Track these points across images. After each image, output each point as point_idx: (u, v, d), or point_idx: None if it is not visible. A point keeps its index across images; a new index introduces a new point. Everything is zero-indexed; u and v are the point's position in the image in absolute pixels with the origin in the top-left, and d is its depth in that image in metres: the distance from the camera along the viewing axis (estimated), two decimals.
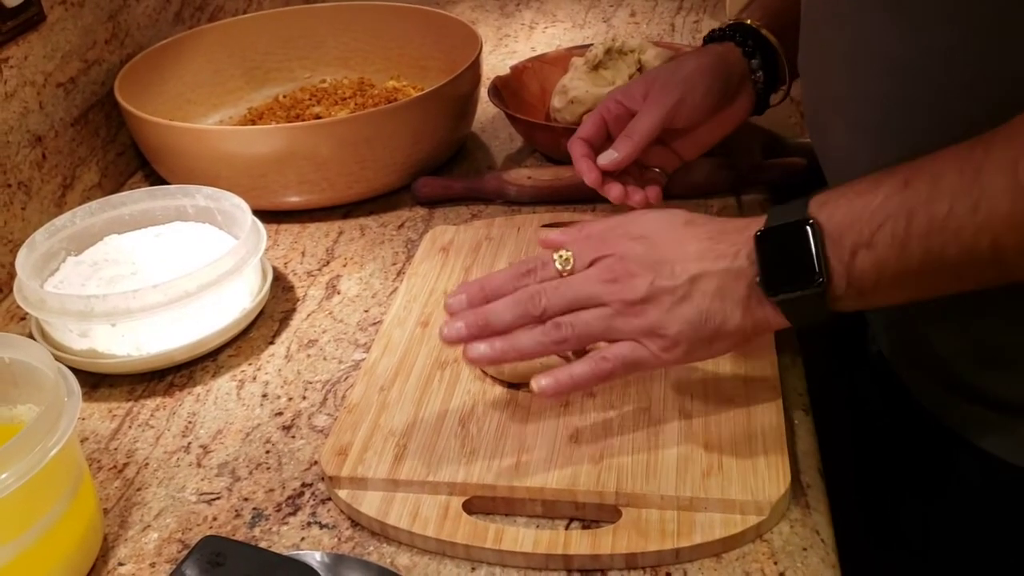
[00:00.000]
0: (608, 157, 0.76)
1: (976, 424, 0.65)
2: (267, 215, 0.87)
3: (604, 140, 0.79)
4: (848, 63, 0.63)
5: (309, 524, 0.60)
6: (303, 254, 0.89)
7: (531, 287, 0.59)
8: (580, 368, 0.57)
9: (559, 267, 0.59)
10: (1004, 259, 0.49)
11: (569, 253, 0.60)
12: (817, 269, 0.52)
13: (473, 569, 0.56)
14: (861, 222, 0.52)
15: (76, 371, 0.59)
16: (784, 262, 0.54)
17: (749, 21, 0.81)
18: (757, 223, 0.56)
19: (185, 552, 0.57)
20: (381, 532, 0.58)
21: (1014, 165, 0.47)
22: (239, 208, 0.80)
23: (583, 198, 0.90)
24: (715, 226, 0.58)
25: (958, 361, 0.65)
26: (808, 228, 0.53)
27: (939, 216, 0.49)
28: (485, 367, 0.66)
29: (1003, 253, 0.49)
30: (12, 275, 0.76)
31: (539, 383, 0.58)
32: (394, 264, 0.86)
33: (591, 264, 0.59)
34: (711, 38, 0.83)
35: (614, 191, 0.77)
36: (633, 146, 0.76)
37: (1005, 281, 0.51)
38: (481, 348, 0.58)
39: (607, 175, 0.77)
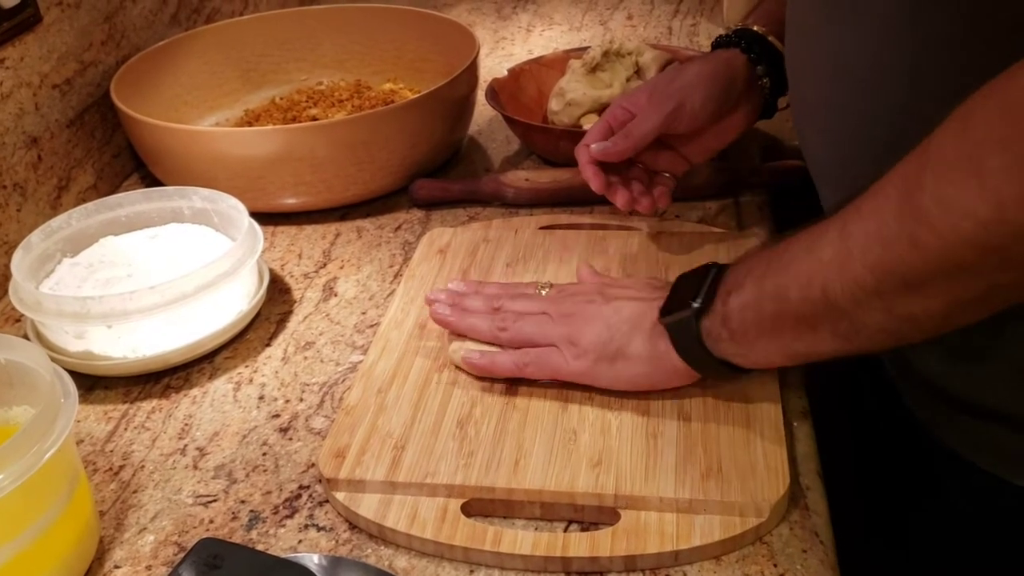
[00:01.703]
0: (601, 146, 0.77)
1: (949, 428, 0.66)
2: (264, 217, 0.87)
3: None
4: (817, 74, 0.65)
5: (306, 526, 0.60)
6: (300, 256, 0.88)
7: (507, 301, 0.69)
8: (503, 357, 0.66)
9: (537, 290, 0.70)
10: (838, 306, 0.51)
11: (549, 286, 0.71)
12: (697, 296, 0.59)
13: (471, 572, 0.56)
14: (743, 269, 0.58)
15: (72, 373, 0.58)
16: (680, 292, 0.61)
17: (755, 27, 0.81)
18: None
19: (182, 555, 0.56)
20: (379, 534, 0.58)
21: (845, 217, 0.51)
22: (236, 210, 0.80)
23: (581, 200, 0.89)
24: (667, 283, 0.65)
25: (927, 359, 0.65)
26: (712, 268, 0.60)
27: (785, 261, 0.55)
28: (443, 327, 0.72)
29: (834, 300, 0.51)
30: (7, 277, 0.76)
31: (469, 356, 0.67)
32: (391, 266, 0.85)
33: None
34: (718, 44, 0.83)
35: (621, 197, 0.78)
36: (628, 143, 0.77)
37: (862, 343, 0.53)
38: (445, 311, 0.70)
39: (611, 179, 0.78)
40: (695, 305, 0.58)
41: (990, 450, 0.64)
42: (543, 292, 0.70)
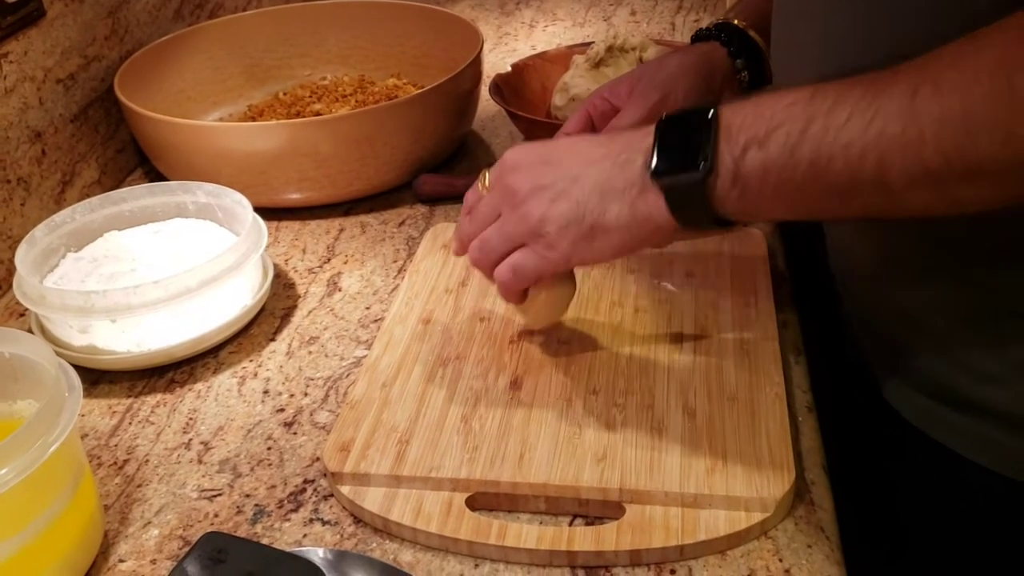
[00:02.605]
0: None
1: (929, 418, 0.67)
2: (268, 212, 0.87)
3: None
4: (805, 60, 0.64)
5: (311, 521, 0.59)
6: (304, 251, 0.88)
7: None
8: (498, 292, 0.63)
9: (480, 189, 0.63)
10: (888, 182, 0.48)
11: (488, 177, 0.63)
12: (705, 154, 0.52)
13: (476, 566, 0.56)
14: (760, 121, 0.51)
15: (76, 368, 0.58)
16: (676, 147, 0.53)
17: (736, 21, 0.82)
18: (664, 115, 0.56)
19: (186, 549, 0.56)
20: (384, 529, 0.58)
21: (914, 91, 0.47)
22: (240, 204, 0.80)
23: None
24: (616, 132, 0.59)
25: (920, 357, 0.65)
26: (708, 115, 0.52)
27: (834, 125, 0.49)
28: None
29: (887, 175, 0.48)
30: (11, 271, 0.76)
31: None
32: (395, 261, 0.85)
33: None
34: (698, 37, 0.84)
35: None
36: None
37: (890, 214, 0.50)
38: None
39: None
40: (703, 165, 0.52)
41: (984, 447, 0.64)
42: (484, 189, 0.63)
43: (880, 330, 0.70)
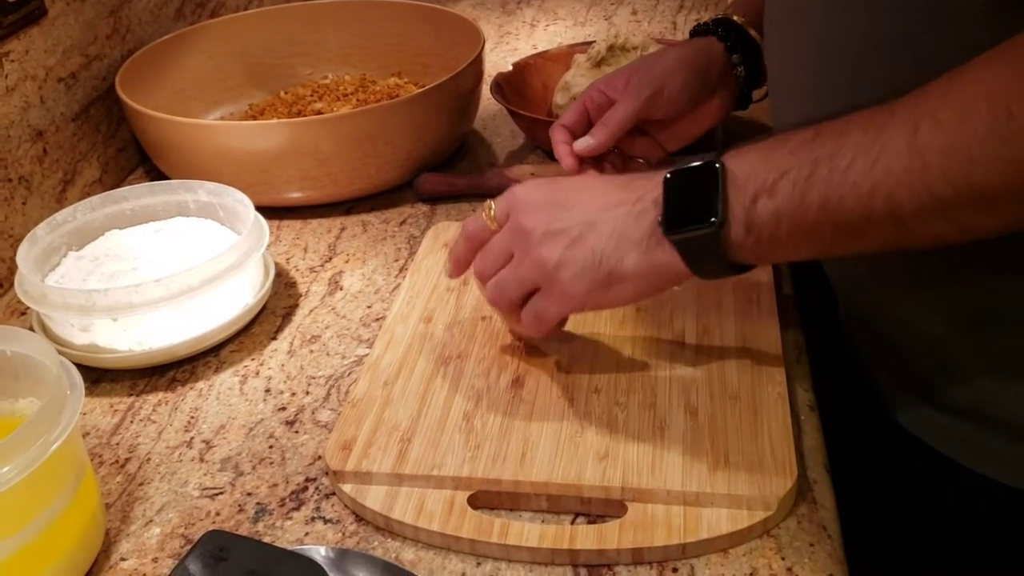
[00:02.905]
0: (583, 143, 0.78)
1: (925, 423, 0.67)
2: (269, 211, 0.87)
3: (586, 128, 0.80)
4: (800, 57, 0.64)
5: (313, 519, 0.59)
6: (305, 250, 0.88)
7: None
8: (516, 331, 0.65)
9: (485, 220, 0.62)
10: (900, 217, 0.49)
11: (494, 210, 0.62)
12: (715, 209, 0.52)
13: (478, 564, 0.55)
14: (767, 170, 0.52)
15: (77, 366, 0.58)
16: (686, 201, 0.54)
17: (735, 17, 0.82)
18: (669, 171, 0.56)
19: (188, 547, 0.56)
20: (386, 527, 0.58)
21: (914, 127, 0.48)
22: (241, 203, 0.80)
23: None
24: (628, 177, 0.59)
25: (919, 364, 0.65)
26: (715, 169, 0.53)
27: (840, 168, 0.49)
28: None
29: (899, 211, 0.48)
30: (13, 270, 0.76)
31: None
32: (396, 260, 0.85)
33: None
34: (696, 32, 0.85)
35: None
36: (607, 134, 0.78)
37: (907, 245, 0.51)
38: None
39: (584, 162, 0.79)
40: (714, 220, 0.52)
41: (979, 453, 0.64)
42: (491, 222, 0.62)
43: (877, 333, 0.70)
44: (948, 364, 0.64)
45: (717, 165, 0.53)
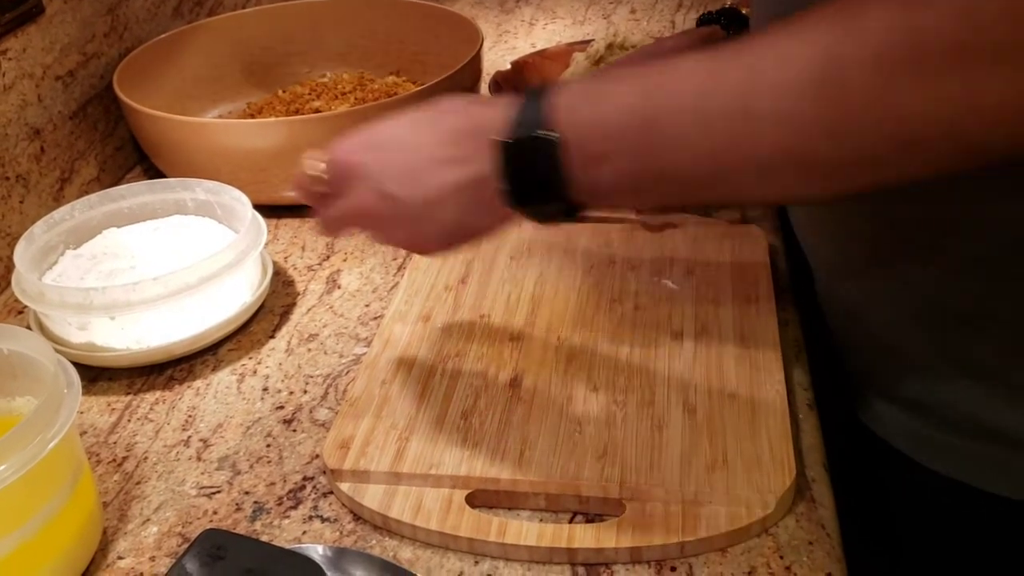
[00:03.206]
0: None
1: (879, 418, 0.68)
2: (267, 209, 0.87)
3: None
4: None
5: (311, 518, 0.59)
6: (303, 248, 0.88)
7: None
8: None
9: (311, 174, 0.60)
10: (730, 178, 0.48)
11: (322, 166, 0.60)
12: (561, 185, 0.50)
13: (476, 563, 0.55)
14: (599, 131, 0.49)
15: (75, 365, 0.58)
16: (528, 178, 0.51)
17: (742, 8, 0.82)
18: (494, 118, 0.52)
19: (185, 546, 0.56)
20: (383, 526, 0.58)
21: (745, 93, 0.46)
22: (239, 202, 0.80)
23: None
24: (452, 123, 0.56)
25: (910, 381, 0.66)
26: (550, 144, 0.50)
27: (671, 132, 0.48)
28: None
29: (731, 173, 0.48)
30: (10, 269, 0.76)
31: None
32: (394, 259, 0.85)
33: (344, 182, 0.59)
34: (702, 21, 0.86)
35: None
36: None
37: (733, 201, 0.52)
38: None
39: None
40: (565, 194, 0.50)
41: (926, 446, 0.65)
42: (319, 173, 0.60)
43: (845, 329, 0.71)
44: (898, 358, 0.64)
45: (553, 139, 0.50)
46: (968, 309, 0.59)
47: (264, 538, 0.58)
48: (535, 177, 0.51)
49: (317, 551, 0.55)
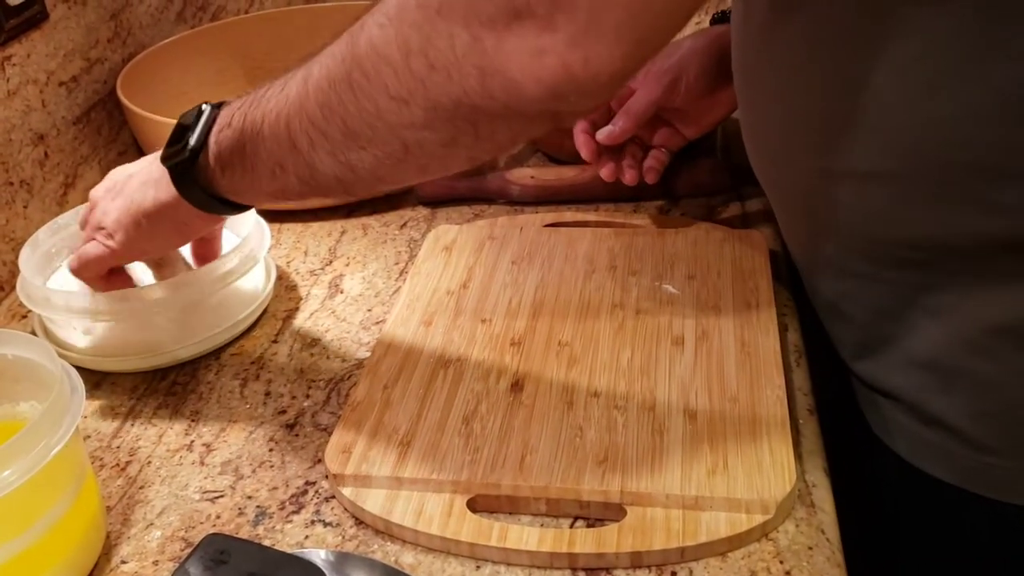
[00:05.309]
0: (606, 131, 0.81)
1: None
2: (270, 214, 0.87)
3: (606, 118, 0.82)
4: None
5: (313, 522, 0.60)
6: (306, 253, 0.88)
7: None
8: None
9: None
10: (297, 145, 0.54)
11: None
12: (192, 139, 0.59)
13: (478, 567, 0.56)
14: (239, 102, 0.58)
15: (79, 369, 0.59)
16: (180, 135, 0.61)
17: None
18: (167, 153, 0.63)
19: (188, 550, 0.56)
20: (385, 530, 0.58)
21: (310, 63, 0.54)
22: None
23: (586, 198, 0.90)
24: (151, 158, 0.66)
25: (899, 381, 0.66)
26: (204, 109, 0.60)
27: (264, 94, 0.56)
28: None
29: (294, 137, 0.54)
30: (14, 274, 0.76)
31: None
32: (397, 264, 0.86)
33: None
34: (715, 20, 0.87)
35: (607, 169, 0.82)
36: (630, 121, 0.80)
37: (316, 188, 0.57)
38: None
39: (603, 153, 0.82)
40: (191, 143, 0.59)
41: (895, 433, 0.66)
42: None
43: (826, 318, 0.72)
44: (868, 347, 0.65)
45: (215, 104, 0.61)
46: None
47: (267, 543, 0.58)
48: (180, 131, 0.61)
49: (319, 556, 0.55)
